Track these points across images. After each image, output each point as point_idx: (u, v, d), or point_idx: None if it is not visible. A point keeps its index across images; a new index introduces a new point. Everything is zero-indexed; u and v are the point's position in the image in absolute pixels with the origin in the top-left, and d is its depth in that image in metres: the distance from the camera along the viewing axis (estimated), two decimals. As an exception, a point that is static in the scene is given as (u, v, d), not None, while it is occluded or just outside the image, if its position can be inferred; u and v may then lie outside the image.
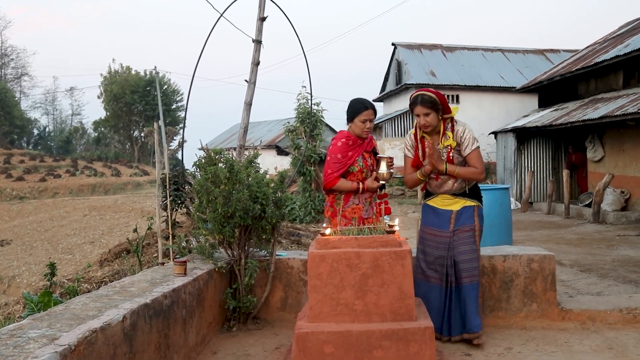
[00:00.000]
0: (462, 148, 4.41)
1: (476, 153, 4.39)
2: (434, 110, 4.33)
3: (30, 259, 22.01)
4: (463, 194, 4.47)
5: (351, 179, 4.59)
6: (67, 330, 2.71)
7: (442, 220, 4.46)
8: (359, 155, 4.63)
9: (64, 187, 40.28)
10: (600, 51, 18.20)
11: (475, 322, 4.25)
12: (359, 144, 4.64)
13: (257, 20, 7.12)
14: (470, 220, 4.41)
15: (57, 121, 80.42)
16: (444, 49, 31.81)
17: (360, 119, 4.56)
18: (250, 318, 4.93)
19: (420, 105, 4.34)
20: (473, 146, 4.39)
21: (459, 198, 4.46)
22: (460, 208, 4.44)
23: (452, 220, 4.43)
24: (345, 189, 4.57)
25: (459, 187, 4.44)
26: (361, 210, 4.50)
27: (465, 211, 4.43)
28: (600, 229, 12.90)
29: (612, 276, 7.50)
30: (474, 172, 4.38)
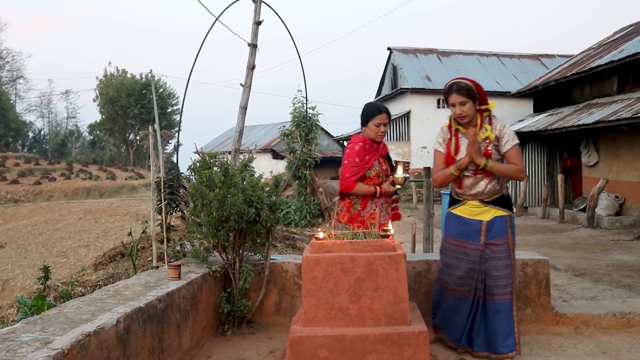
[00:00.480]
0: (501, 143, 4.01)
1: (517, 150, 4.00)
2: (470, 99, 3.98)
3: (24, 262, 21.95)
4: (494, 201, 4.05)
5: (367, 183, 4.53)
6: (60, 334, 2.70)
7: (472, 232, 4.06)
8: (375, 159, 4.58)
9: (59, 190, 40.20)
10: (595, 56, 18.27)
11: (507, 342, 3.98)
12: (374, 148, 4.59)
13: (252, 24, 7.13)
14: (503, 233, 4.02)
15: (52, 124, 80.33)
16: (439, 54, 31.90)
17: (374, 123, 4.51)
18: (244, 322, 4.92)
19: (455, 94, 3.99)
20: (514, 142, 4.01)
21: (489, 206, 4.05)
22: (491, 218, 4.03)
23: (482, 232, 4.04)
24: (363, 193, 4.51)
25: (491, 190, 4.04)
26: (377, 215, 4.41)
27: (497, 222, 4.03)
28: (594, 234, 12.94)
29: (606, 281, 7.52)
30: (515, 170, 3.98)
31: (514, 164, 3.99)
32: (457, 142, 4.09)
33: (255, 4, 7.13)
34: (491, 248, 4.00)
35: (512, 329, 4.00)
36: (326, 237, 3.87)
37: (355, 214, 4.52)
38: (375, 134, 4.54)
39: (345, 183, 4.52)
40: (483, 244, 4.02)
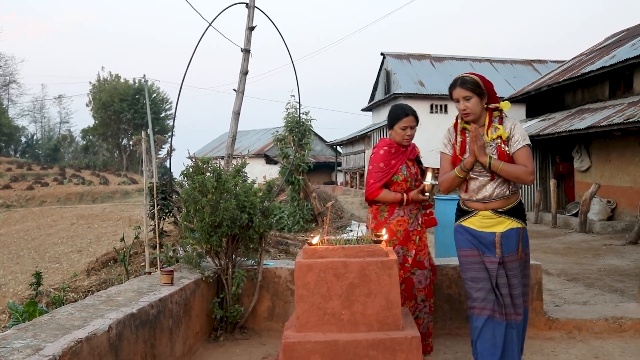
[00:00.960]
0: (510, 143, 3.60)
1: (526, 150, 3.57)
2: (476, 95, 3.61)
3: (16, 268, 21.82)
4: (509, 211, 3.63)
5: (395, 188, 4.35)
6: (52, 340, 2.69)
7: (486, 245, 3.63)
8: (402, 163, 4.38)
9: (52, 195, 40.03)
10: (587, 62, 18.37)
11: None
12: (401, 151, 4.41)
13: (245, 30, 7.14)
14: (514, 247, 3.60)
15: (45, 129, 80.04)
16: (432, 59, 32.02)
17: (400, 126, 4.35)
18: (237, 328, 4.92)
19: (459, 87, 3.65)
20: (524, 142, 3.58)
21: (503, 217, 3.62)
22: (505, 230, 3.60)
23: (497, 245, 3.59)
24: (389, 200, 4.33)
25: (500, 195, 3.61)
26: (407, 222, 4.32)
27: (510, 235, 3.60)
28: (586, 239, 12.98)
29: (598, 285, 7.55)
30: (523, 172, 3.53)
31: (522, 166, 3.55)
32: (463, 141, 3.72)
33: (249, 10, 7.15)
34: (507, 265, 3.58)
35: (521, 353, 3.69)
36: (319, 243, 3.87)
37: (381, 221, 4.36)
38: (402, 138, 4.37)
39: (369, 189, 4.36)
40: (499, 257, 3.57)
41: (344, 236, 4.39)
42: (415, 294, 4.28)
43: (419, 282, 4.29)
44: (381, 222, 4.35)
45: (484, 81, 3.67)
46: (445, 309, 4.91)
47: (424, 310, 4.32)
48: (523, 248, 3.67)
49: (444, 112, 28.40)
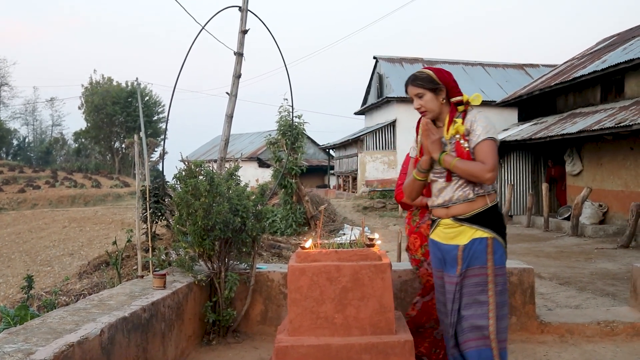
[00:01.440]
0: (470, 138, 3.16)
1: (487, 144, 3.09)
2: (429, 91, 3.22)
3: (7, 271, 21.72)
4: (472, 218, 3.15)
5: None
6: (44, 344, 2.68)
7: (449, 260, 3.21)
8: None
9: (44, 198, 39.85)
10: (579, 66, 18.47)
11: None
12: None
13: (238, 33, 7.14)
14: (480, 260, 3.11)
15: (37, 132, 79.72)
16: (424, 63, 32.07)
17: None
18: (230, 331, 4.91)
19: (411, 85, 3.29)
20: (486, 135, 3.11)
21: (465, 225, 3.16)
22: (468, 241, 3.14)
23: (459, 260, 3.14)
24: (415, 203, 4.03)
25: (462, 198, 3.16)
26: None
27: (475, 245, 3.13)
28: (578, 242, 13.03)
29: (590, 289, 7.57)
30: (478, 168, 3.07)
31: (480, 162, 3.08)
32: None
33: (242, 13, 7.15)
34: (466, 281, 3.12)
35: None
36: (312, 247, 3.87)
37: (413, 225, 4.16)
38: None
39: (396, 191, 4.18)
40: (459, 274, 3.13)
41: (337, 240, 4.38)
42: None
43: None
44: (413, 227, 4.16)
45: (440, 74, 3.26)
46: (438, 312, 4.91)
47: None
48: (495, 264, 3.11)
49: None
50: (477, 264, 3.11)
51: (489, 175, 3.06)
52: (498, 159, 3.13)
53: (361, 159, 29.36)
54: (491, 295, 3.10)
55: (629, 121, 12.28)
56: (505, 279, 3.20)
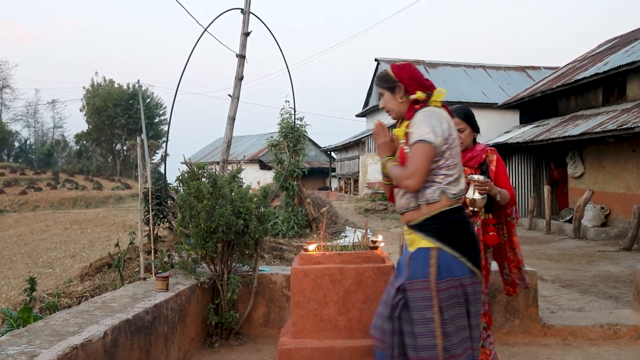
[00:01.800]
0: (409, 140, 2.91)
1: (415, 148, 2.82)
2: (387, 90, 3.07)
3: (9, 273, 21.71)
4: (419, 225, 2.88)
5: None
6: (47, 346, 2.67)
7: (400, 265, 2.98)
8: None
9: (45, 200, 39.88)
10: (580, 69, 18.45)
11: None
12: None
13: (241, 35, 7.14)
14: (421, 272, 2.80)
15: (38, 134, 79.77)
16: (426, 65, 32.08)
17: None
18: (232, 334, 4.90)
19: (375, 85, 3.15)
20: (417, 137, 2.82)
21: (413, 233, 2.91)
22: (415, 250, 2.88)
23: (406, 267, 2.89)
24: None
25: (405, 206, 2.93)
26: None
27: (417, 257, 2.85)
28: (580, 245, 13.01)
29: (593, 292, 7.55)
30: (397, 175, 2.88)
31: (402, 168, 2.89)
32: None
33: (244, 15, 7.15)
34: (408, 293, 2.82)
35: None
36: (316, 250, 3.86)
37: None
38: None
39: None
40: (402, 282, 2.86)
41: (340, 242, 4.38)
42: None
43: None
44: None
45: (395, 70, 3.07)
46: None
47: (488, 340, 3.64)
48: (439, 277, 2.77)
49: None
50: (418, 277, 2.80)
51: (406, 182, 2.82)
52: (424, 163, 2.79)
53: (363, 161, 29.35)
54: (436, 312, 2.75)
55: (631, 123, 12.26)
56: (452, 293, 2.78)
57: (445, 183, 2.86)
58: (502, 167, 3.90)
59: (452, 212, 2.87)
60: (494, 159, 3.88)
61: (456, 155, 2.92)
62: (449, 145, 2.87)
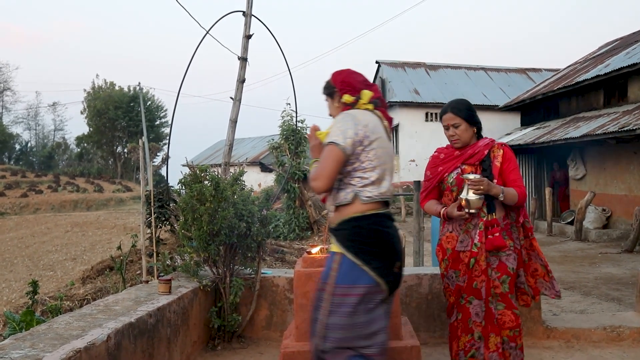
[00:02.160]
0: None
1: (325, 151, 2.87)
2: (328, 96, 3.18)
3: (10, 276, 21.70)
4: (334, 229, 2.94)
5: (445, 199, 3.74)
6: (51, 350, 2.67)
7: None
8: (452, 169, 3.67)
9: (46, 202, 39.87)
10: (581, 71, 18.46)
11: None
12: (454, 156, 3.70)
13: (242, 38, 7.14)
14: (325, 275, 2.89)
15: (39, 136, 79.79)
16: (427, 67, 32.10)
17: (443, 125, 3.75)
18: (235, 337, 4.90)
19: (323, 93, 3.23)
20: (328, 139, 2.87)
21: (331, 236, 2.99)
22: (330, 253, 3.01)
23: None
24: (431, 213, 3.78)
25: (328, 209, 3.01)
26: (455, 240, 3.60)
27: (328, 259, 2.97)
28: (582, 247, 13.01)
29: (595, 294, 7.55)
30: (311, 176, 2.90)
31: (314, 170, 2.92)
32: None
33: (246, 18, 7.16)
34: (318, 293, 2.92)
35: None
36: (319, 252, 3.86)
37: (440, 236, 3.76)
38: (448, 139, 3.73)
39: (419, 199, 3.88)
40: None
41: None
42: (472, 328, 3.49)
43: (475, 315, 3.49)
44: (440, 237, 3.76)
45: (334, 76, 3.14)
46: (443, 317, 4.89)
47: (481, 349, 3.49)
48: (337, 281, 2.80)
49: (439, 121, 28.40)
50: (323, 279, 2.88)
51: (313, 183, 2.85)
52: (330, 165, 2.81)
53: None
54: (323, 315, 2.81)
55: (633, 125, 12.26)
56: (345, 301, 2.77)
57: (360, 185, 2.86)
58: (511, 162, 3.66)
59: (365, 219, 2.86)
60: (500, 154, 3.66)
61: (378, 157, 2.88)
62: (364, 147, 2.85)
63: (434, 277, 4.94)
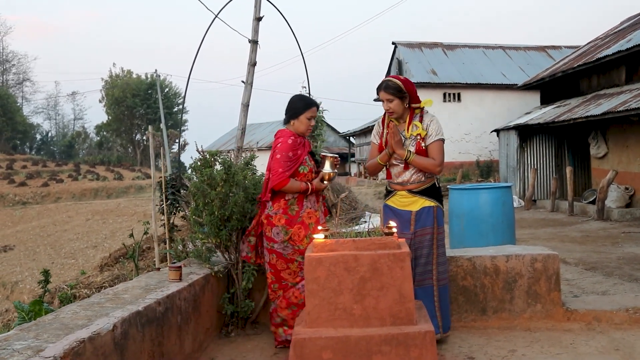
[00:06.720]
0: (425, 138, 4.27)
1: (437, 145, 4.27)
2: (397, 97, 4.23)
3: (33, 264, 21.98)
4: (422, 192, 4.29)
5: (302, 179, 4.37)
6: (54, 341, 2.62)
7: (403, 222, 4.26)
8: (306, 154, 4.44)
9: (67, 191, 40.30)
10: (602, 47, 18.08)
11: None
12: (303, 143, 4.45)
13: (253, 20, 7.03)
14: (429, 222, 4.25)
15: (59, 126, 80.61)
16: (444, 47, 31.74)
17: (306, 116, 4.38)
18: (249, 323, 4.84)
19: (383, 91, 4.26)
20: (436, 137, 4.27)
21: (417, 197, 4.29)
22: (419, 208, 4.28)
23: (412, 222, 4.26)
24: (295, 189, 4.31)
25: (416, 180, 4.29)
26: (315, 214, 4.40)
27: (424, 212, 4.27)
28: (604, 226, 12.78)
29: (617, 274, 7.39)
30: (430, 163, 4.22)
31: (432, 159, 4.24)
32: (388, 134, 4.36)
33: (255, 0, 7.03)
34: (418, 237, 4.24)
35: (434, 312, 4.22)
36: (327, 237, 3.77)
37: (293, 215, 4.33)
38: (306, 128, 4.42)
39: (279, 178, 4.25)
40: (412, 232, 4.24)
41: (355, 228, 4.29)
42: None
43: None
44: (293, 217, 4.32)
45: (406, 85, 4.24)
46: (460, 301, 4.79)
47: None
48: (438, 224, 4.29)
49: (457, 101, 28.15)
50: (427, 226, 4.25)
51: (438, 169, 4.28)
52: (444, 154, 4.31)
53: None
54: (435, 247, 4.27)
55: (655, 101, 11.98)
56: (444, 236, 4.37)
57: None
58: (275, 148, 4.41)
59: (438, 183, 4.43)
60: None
61: None
62: None
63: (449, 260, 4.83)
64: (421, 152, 4.23)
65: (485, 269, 4.78)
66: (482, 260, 4.81)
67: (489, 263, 4.80)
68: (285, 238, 4.31)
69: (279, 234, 4.32)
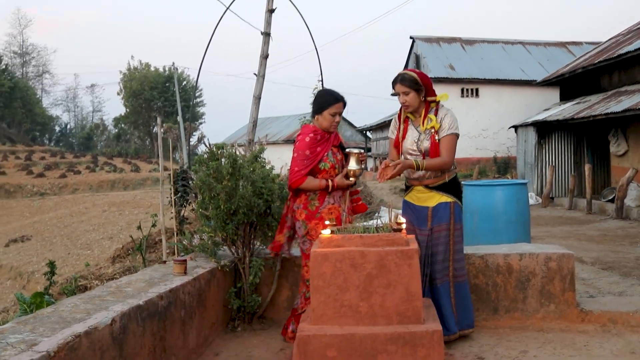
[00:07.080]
0: (439, 131, 4.22)
1: (448, 139, 4.21)
2: (413, 90, 4.18)
3: (49, 255, 22.09)
4: (438, 187, 4.25)
5: (324, 176, 4.27)
6: (49, 335, 2.56)
7: (420, 218, 4.27)
8: (328, 150, 4.34)
9: (84, 183, 40.56)
10: (624, 43, 17.78)
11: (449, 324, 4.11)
12: (326, 138, 4.35)
13: (265, 13, 6.97)
14: (445, 218, 4.20)
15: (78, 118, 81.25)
16: (463, 42, 31.44)
17: (330, 112, 4.27)
18: (255, 318, 4.78)
19: (399, 84, 4.22)
20: (449, 131, 4.21)
21: (434, 192, 4.25)
22: (436, 204, 4.23)
23: (429, 218, 4.24)
24: (313, 187, 4.25)
25: (433, 175, 4.23)
26: (338, 210, 4.28)
27: (441, 208, 4.22)
28: (623, 225, 12.56)
29: (635, 275, 7.22)
30: (440, 162, 4.17)
31: (440, 158, 4.18)
32: (405, 128, 4.37)
33: (269, -9, 6.97)
34: (435, 234, 4.21)
35: (451, 309, 4.19)
36: (335, 231, 3.68)
37: (313, 210, 4.26)
38: (330, 124, 4.31)
39: (294, 177, 4.24)
40: (429, 229, 4.22)
41: (365, 224, 4.21)
42: None
43: None
44: (312, 212, 4.26)
45: (422, 78, 4.22)
46: (471, 299, 4.68)
47: None
48: (455, 221, 4.23)
49: (475, 96, 27.86)
50: (443, 222, 4.20)
51: (449, 165, 4.22)
52: (455, 149, 4.25)
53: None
54: (451, 244, 4.22)
55: (678, 98, 11.74)
56: (462, 232, 4.29)
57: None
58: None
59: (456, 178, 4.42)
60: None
61: None
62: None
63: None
64: (435, 146, 4.18)
65: (497, 267, 4.68)
66: (494, 258, 4.70)
67: (502, 261, 4.69)
68: (304, 232, 4.28)
69: (300, 228, 4.29)
